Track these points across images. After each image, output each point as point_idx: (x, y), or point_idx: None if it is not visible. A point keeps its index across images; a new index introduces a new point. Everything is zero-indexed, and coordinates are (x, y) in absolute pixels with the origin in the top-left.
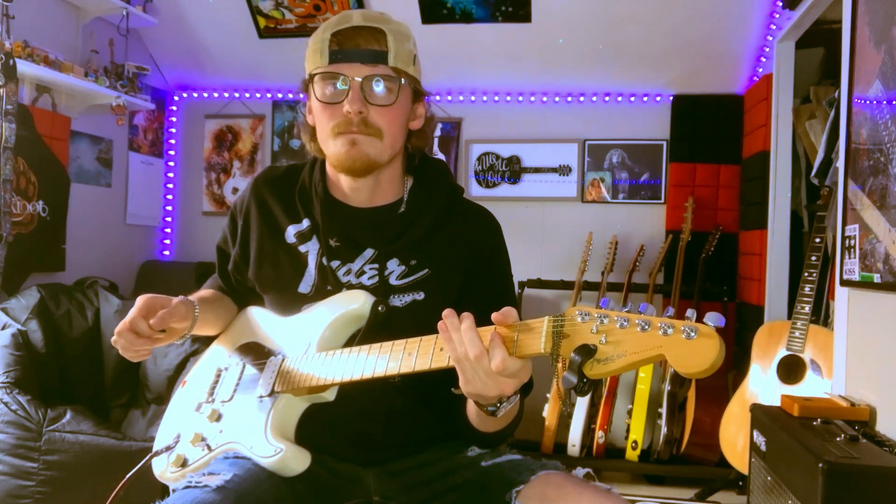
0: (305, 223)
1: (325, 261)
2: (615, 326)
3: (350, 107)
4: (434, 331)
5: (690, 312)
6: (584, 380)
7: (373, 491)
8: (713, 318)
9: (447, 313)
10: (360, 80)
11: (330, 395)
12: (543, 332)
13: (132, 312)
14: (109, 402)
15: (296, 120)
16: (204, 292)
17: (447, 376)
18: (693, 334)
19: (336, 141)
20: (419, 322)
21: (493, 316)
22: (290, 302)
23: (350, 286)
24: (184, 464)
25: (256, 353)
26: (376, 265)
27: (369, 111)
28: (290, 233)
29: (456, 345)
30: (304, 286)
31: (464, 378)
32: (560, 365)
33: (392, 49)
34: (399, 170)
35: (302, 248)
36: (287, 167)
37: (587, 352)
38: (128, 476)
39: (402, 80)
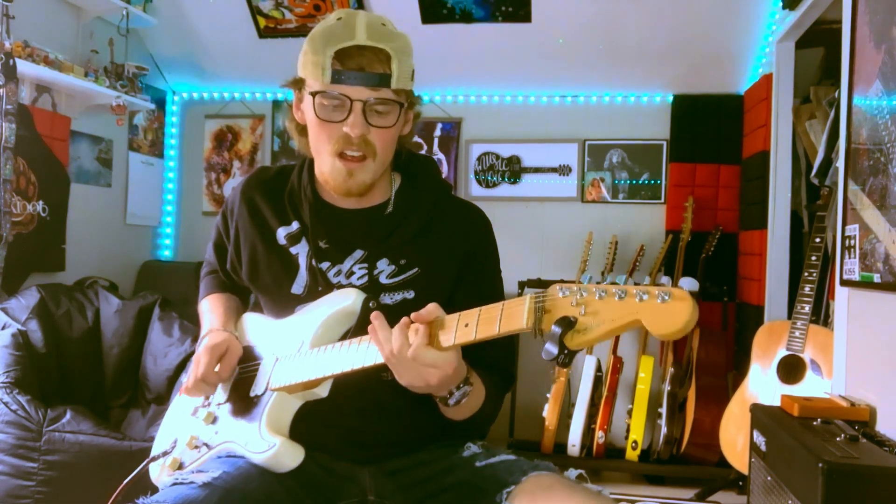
0: (295, 225)
1: (314, 262)
2: (594, 298)
3: (352, 131)
4: None
5: (666, 280)
6: (565, 351)
7: (368, 490)
8: (687, 283)
9: (374, 315)
10: (362, 103)
11: (323, 391)
12: (525, 308)
13: (202, 368)
14: (109, 402)
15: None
16: (221, 305)
17: None
18: (667, 298)
19: (334, 162)
20: None
21: (413, 315)
22: (284, 303)
23: (340, 287)
24: (180, 467)
25: (251, 356)
26: (366, 265)
27: (369, 131)
28: (281, 235)
29: (383, 343)
30: (297, 287)
31: (395, 371)
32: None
33: (395, 72)
34: (387, 172)
35: (293, 250)
36: (277, 169)
37: (567, 323)
38: (126, 481)
39: (403, 102)
